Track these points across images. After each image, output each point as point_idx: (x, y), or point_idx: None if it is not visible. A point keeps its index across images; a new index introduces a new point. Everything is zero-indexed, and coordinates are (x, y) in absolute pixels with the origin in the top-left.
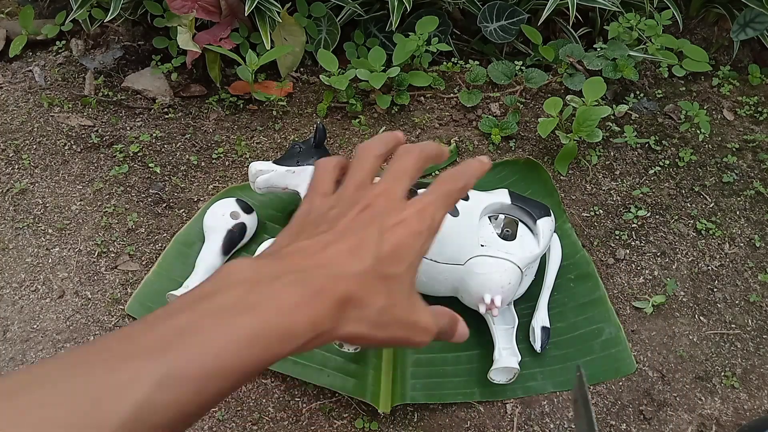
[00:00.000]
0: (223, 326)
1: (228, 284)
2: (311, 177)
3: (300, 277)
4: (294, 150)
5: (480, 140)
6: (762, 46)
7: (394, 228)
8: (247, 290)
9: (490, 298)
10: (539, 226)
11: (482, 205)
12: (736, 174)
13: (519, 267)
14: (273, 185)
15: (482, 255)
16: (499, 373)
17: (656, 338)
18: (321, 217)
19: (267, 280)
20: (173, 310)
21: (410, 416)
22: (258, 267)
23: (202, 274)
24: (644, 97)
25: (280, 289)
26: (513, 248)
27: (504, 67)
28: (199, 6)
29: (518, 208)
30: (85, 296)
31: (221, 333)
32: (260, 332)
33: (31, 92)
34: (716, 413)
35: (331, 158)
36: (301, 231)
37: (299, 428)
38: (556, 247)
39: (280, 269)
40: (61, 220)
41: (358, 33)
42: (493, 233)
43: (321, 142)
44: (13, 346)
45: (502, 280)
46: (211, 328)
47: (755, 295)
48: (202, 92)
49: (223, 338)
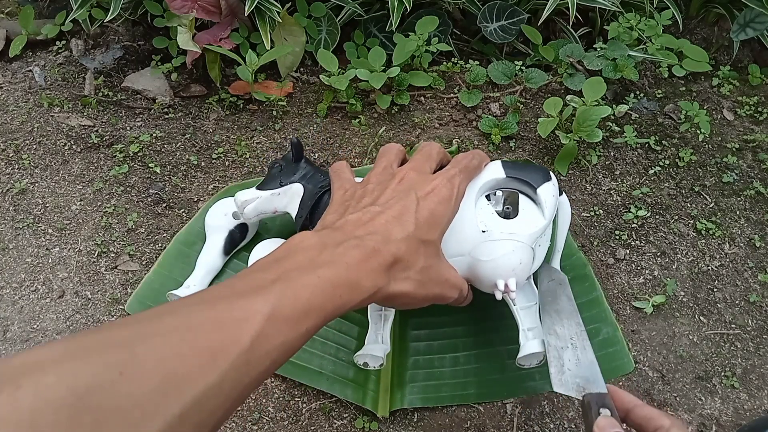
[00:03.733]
0: (308, 276)
1: (299, 249)
2: (332, 175)
3: (358, 242)
4: (274, 171)
5: (480, 140)
6: (762, 46)
7: (428, 196)
8: (318, 252)
9: (503, 283)
10: (540, 195)
11: (476, 187)
12: (736, 174)
13: (527, 244)
14: (262, 211)
15: (485, 241)
16: (526, 359)
17: (656, 338)
18: (361, 193)
19: (332, 244)
20: (257, 268)
21: (410, 416)
22: (321, 237)
23: (203, 273)
24: (644, 97)
25: (345, 251)
26: (516, 226)
27: (504, 67)
28: (199, 6)
29: (515, 179)
30: (85, 296)
31: (308, 280)
32: (336, 282)
33: (31, 92)
34: (716, 413)
35: (341, 162)
36: (346, 208)
37: (299, 428)
38: (565, 208)
39: (340, 237)
40: (61, 220)
41: (358, 33)
42: (492, 214)
43: (299, 156)
44: (13, 346)
45: (513, 263)
46: (299, 277)
47: (755, 295)
48: (202, 92)
49: (311, 284)
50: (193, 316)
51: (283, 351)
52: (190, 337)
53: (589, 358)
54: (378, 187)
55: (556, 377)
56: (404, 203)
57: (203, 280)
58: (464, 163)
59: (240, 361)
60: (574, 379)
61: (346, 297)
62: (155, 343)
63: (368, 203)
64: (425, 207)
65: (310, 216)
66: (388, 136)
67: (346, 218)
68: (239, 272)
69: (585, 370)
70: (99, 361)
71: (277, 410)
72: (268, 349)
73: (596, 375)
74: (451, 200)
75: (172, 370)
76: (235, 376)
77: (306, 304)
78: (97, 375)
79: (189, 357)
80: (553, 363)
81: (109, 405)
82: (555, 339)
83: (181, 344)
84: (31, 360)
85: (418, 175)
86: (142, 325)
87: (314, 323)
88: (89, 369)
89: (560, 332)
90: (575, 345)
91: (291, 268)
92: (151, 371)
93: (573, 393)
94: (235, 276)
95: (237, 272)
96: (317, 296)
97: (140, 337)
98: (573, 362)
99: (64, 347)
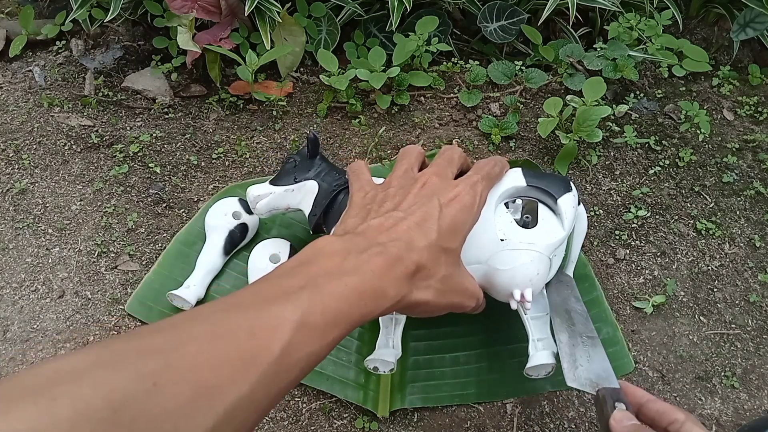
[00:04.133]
0: (335, 283)
1: (324, 254)
2: (350, 175)
3: (382, 249)
4: (289, 166)
5: (480, 140)
6: (762, 46)
7: (450, 203)
8: (343, 258)
9: (519, 294)
10: (561, 206)
11: (496, 194)
12: (736, 174)
13: (545, 254)
14: (274, 207)
15: (503, 250)
16: (535, 369)
17: (656, 338)
18: (382, 197)
19: (356, 251)
20: (283, 272)
21: (410, 416)
22: (344, 242)
23: (203, 273)
24: (644, 97)
25: (369, 258)
26: (535, 236)
27: (504, 67)
28: (199, 6)
29: (535, 188)
30: (85, 296)
31: (335, 288)
32: (362, 289)
33: (31, 92)
34: (716, 413)
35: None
36: (367, 212)
37: (299, 428)
38: (582, 219)
39: (364, 243)
40: (61, 220)
41: (358, 33)
42: (512, 222)
43: (315, 153)
44: (13, 346)
45: (530, 273)
46: (325, 284)
47: (755, 295)
48: (202, 92)
49: (338, 292)
50: (225, 322)
51: (311, 361)
52: (222, 345)
53: (601, 355)
54: (400, 192)
55: (570, 372)
56: (427, 209)
57: (203, 280)
58: (486, 170)
59: (270, 371)
60: (587, 374)
61: (372, 305)
62: (188, 351)
63: (390, 208)
64: (448, 214)
65: (325, 215)
66: (388, 136)
67: (368, 223)
68: (265, 275)
69: (597, 366)
70: (132, 371)
71: (277, 410)
72: (298, 358)
73: (608, 371)
74: (473, 207)
75: (204, 381)
76: (265, 386)
77: (334, 313)
78: (131, 385)
79: (221, 366)
80: (565, 359)
81: (143, 418)
82: (567, 336)
83: (213, 352)
84: (65, 368)
85: (440, 181)
86: (174, 331)
87: (340, 332)
88: (123, 379)
89: (571, 331)
90: (586, 343)
91: (317, 274)
92: (183, 381)
93: (587, 388)
94: (262, 279)
95: (237, 272)
96: (343, 304)
97: (173, 344)
98: (585, 359)
99: (97, 354)
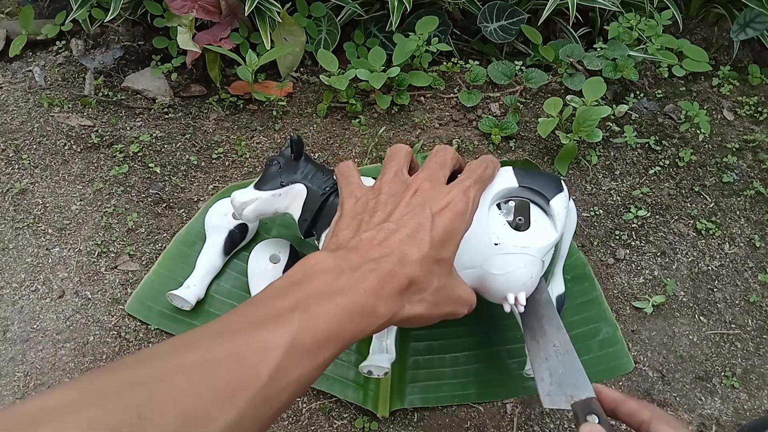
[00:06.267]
0: (326, 303)
1: (315, 272)
2: (339, 178)
3: (375, 266)
4: (273, 169)
5: (480, 140)
6: (762, 46)
7: (442, 212)
8: (335, 277)
9: (513, 297)
10: (553, 207)
11: (488, 196)
12: (736, 174)
13: (538, 258)
14: (262, 213)
15: (497, 254)
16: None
17: (656, 338)
18: (373, 205)
19: (349, 269)
20: (274, 293)
21: (410, 416)
22: (337, 259)
23: (203, 273)
24: (644, 97)
25: (362, 276)
26: (529, 239)
27: (504, 67)
28: (199, 6)
29: (527, 189)
30: (85, 296)
31: (326, 308)
32: (354, 309)
33: (31, 92)
34: (716, 413)
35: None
36: (359, 223)
37: (299, 428)
38: (572, 215)
39: (357, 260)
40: (61, 220)
41: (358, 33)
42: (504, 225)
43: (300, 154)
44: (13, 346)
45: (524, 277)
46: (317, 305)
47: (755, 295)
48: (202, 92)
49: (329, 312)
50: (213, 349)
51: (301, 384)
52: (209, 373)
53: (575, 363)
54: (391, 200)
55: (544, 393)
56: (419, 220)
57: (203, 280)
58: (479, 173)
59: (259, 396)
60: (561, 389)
61: (363, 324)
62: (174, 382)
63: (382, 219)
64: (440, 224)
65: (315, 220)
66: (388, 136)
67: (360, 237)
68: (255, 296)
69: (571, 376)
70: (116, 406)
71: None
72: (287, 382)
73: (583, 380)
74: (466, 214)
75: (191, 411)
76: (255, 411)
77: (325, 334)
78: (115, 419)
79: (208, 395)
80: (538, 379)
81: None
82: (537, 349)
83: (200, 382)
84: (50, 405)
85: (432, 187)
86: (160, 362)
87: (331, 353)
88: (107, 414)
89: (541, 341)
90: (558, 351)
91: (309, 294)
92: (169, 412)
93: (563, 405)
94: (252, 301)
95: (237, 272)
96: (335, 325)
97: (159, 375)
98: (558, 370)
99: (81, 390)
